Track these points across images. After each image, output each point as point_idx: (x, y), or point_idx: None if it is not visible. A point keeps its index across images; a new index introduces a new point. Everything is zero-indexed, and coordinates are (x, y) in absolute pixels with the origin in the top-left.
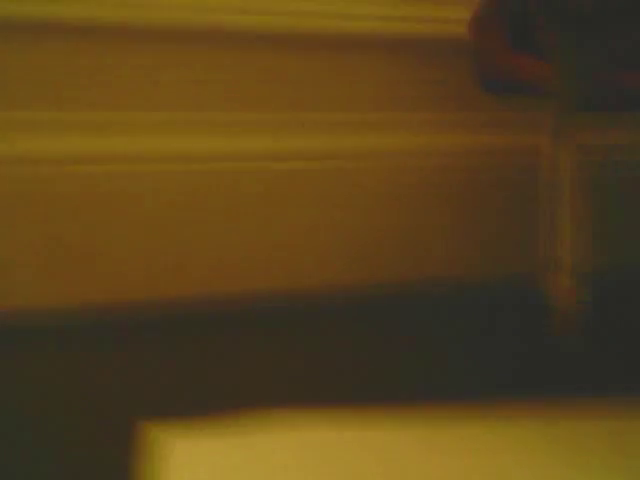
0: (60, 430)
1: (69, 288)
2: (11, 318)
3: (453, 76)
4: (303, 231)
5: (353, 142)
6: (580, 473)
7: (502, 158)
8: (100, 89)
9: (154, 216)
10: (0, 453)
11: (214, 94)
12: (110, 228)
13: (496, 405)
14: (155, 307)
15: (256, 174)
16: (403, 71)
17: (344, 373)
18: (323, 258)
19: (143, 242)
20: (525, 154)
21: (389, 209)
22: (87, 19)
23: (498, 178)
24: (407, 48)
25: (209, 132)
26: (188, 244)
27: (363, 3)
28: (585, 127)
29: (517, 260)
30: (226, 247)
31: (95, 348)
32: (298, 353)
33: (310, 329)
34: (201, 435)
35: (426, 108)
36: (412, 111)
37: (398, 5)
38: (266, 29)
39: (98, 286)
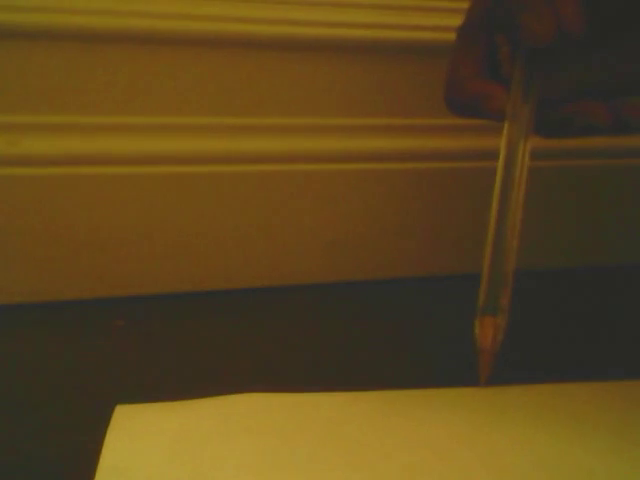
0: (44, 412)
1: (68, 286)
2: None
3: (430, 82)
4: (297, 230)
5: (346, 145)
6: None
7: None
8: (102, 93)
9: (152, 216)
10: None
11: (212, 98)
12: (110, 228)
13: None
14: (146, 300)
15: (251, 176)
16: (395, 77)
17: (333, 361)
18: (317, 256)
19: (142, 241)
20: None
21: (380, 210)
22: (87, 26)
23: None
24: (399, 54)
25: (207, 135)
26: (185, 243)
27: (355, 10)
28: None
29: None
30: (222, 246)
31: (82, 339)
32: (288, 342)
33: (302, 321)
34: (164, 411)
35: (417, 113)
36: (403, 116)
37: (388, 13)
38: (259, 35)
39: (98, 282)
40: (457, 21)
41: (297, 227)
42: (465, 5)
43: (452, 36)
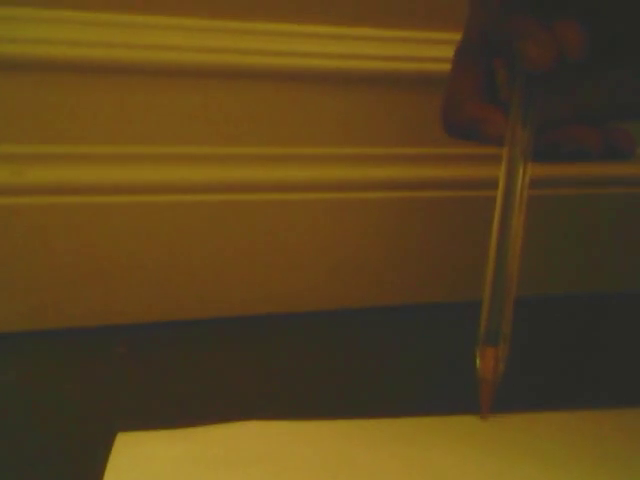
0: (44, 440)
1: (69, 313)
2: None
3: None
4: (295, 259)
5: (345, 174)
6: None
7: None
8: (105, 123)
9: (154, 244)
10: None
11: (215, 128)
12: (111, 256)
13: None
14: (148, 328)
15: (250, 205)
16: (393, 106)
17: (334, 388)
18: (316, 284)
19: (143, 269)
20: None
21: (379, 238)
22: (91, 58)
23: (479, 209)
24: (397, 84)
25: (210, 164)
26: (185, 271)
27: (350, 42)
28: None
29: None
30: (222, 274)
31: (83, 366)
32: (289, 370)
33: (302, 349)
34: (165, 439)
35: (416, 142)
36: (402, 145)
37: (387, 45)
38: (254, 66)
39: (99, 310)
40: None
41: (296, 255)
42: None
43: (435, 67)
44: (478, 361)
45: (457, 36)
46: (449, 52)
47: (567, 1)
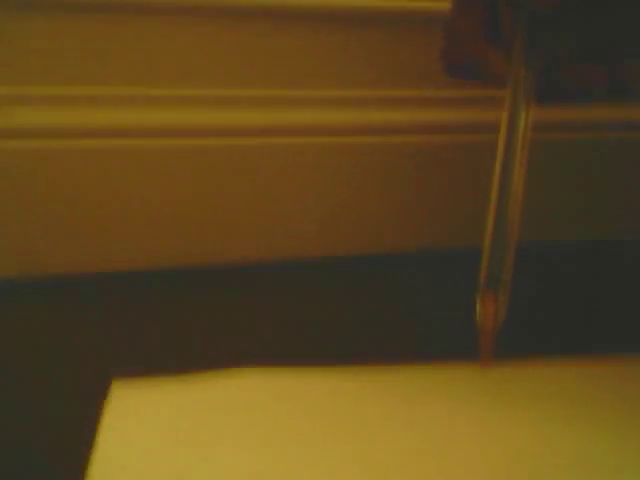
0: (40, 386)
1: (63, 260)
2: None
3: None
4: (292, 205)
5: (342, 118)
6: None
7: (485, 134)
8: (96, 64)
9: (148, 191)
10: None
11: (210, 70)
12: (106, 202)
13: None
14: (145, 275)
15: (246, 149)
16: (391, 48)
17: (330, 335)
18: (313, 230)
19: (136, 216)
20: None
21: (377, 183)
22: None
23: (479, 153)
24: (396, 24)
25: (204, 108)
26: (181, 218)
27: None
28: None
29: None
30: (218, 221)
31: (88, 310)
32: (284, 317)
33: (298, 293)
34: (161, 386)
35: (415, 85)
36: (400, 88)
37: None
38: (247, 5)
39: (98, 256)
40: None
41: (292, 201)
42: None
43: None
44: (478, 307)
45: None
46: None
47: None
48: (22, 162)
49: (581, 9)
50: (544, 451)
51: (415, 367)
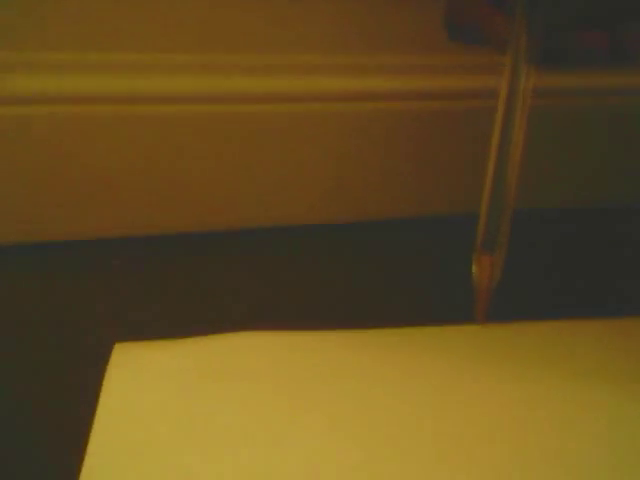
0: (42, 351)
1: (63, 226)
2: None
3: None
4: (293, 171)
5: (343, 84)
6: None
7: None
8: (92, 29)
9: (149, 157)
10: None
11: (208, 36)
12: (105, 169)
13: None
14: (142, 241)
15: (248, 116)
16: (385, 15)
17: (332, 300)
18: (314, 196)
19: (139, 181)
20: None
21: (378, 150)
22: None
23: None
24: None
25: (204, 74)
26: (182, 184)
27: None
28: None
29: None
30: (219, 187)
31: (83, 278)
32: (286, 282)
33: (300, 262)
34: (162, 349)
35: (413, 51)
36: (399, 54)
37: None
38: None
39: (95, 223)
40: None
41: (292, 168)
42: None
43: None
44: (474, 268)
45: None
46: None
47: None
48: (13, 128)
49: None
50: (537, 410)
51: (414, 329)
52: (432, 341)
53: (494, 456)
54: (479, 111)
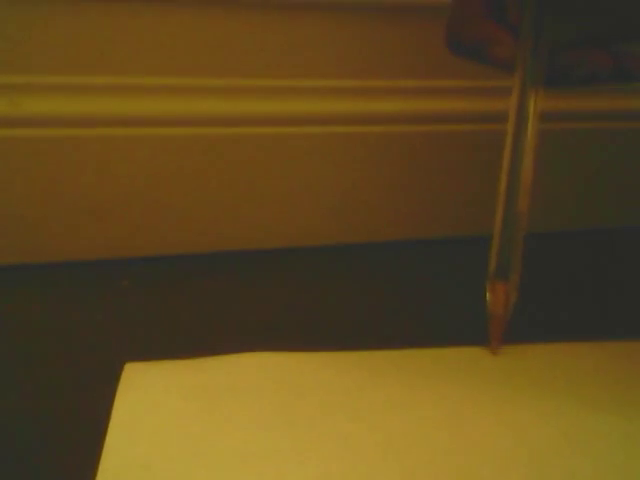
0: (53, 371)
1: (73, 247)
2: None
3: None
4: (301, 193)
5: (350, 108)
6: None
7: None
8: (104, 53)
9: (158, 178)
10: None
11: (217, 60)
12: (114, 189)
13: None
14: (151, 261)
15: (256, 139)
16: (393, 39)
17: (338, 322)
18: (321, 218)
19: (148, 202)
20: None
21: (384, 172)
22: None
23: (485, 141)
24: (406, 13)
25: (212, 97)
26: (191, 205)
27: None
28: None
29: None
30: (228, 208)
31: (93, 298)
32: (293, 303)
33: (307, 283)
34: (172, 369)
35: (421, 75)
36: (407, 77)
37: None
38: None
39: (104, 243)
40: None
41: (301, 189)
42: None
43: None
44: (488, 295)
45: None
46: None
47: None
48: (28, 150)
49: None
50: (547, 432)
51: (421, 351)
52: (438, 363)
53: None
54: (484, 134)
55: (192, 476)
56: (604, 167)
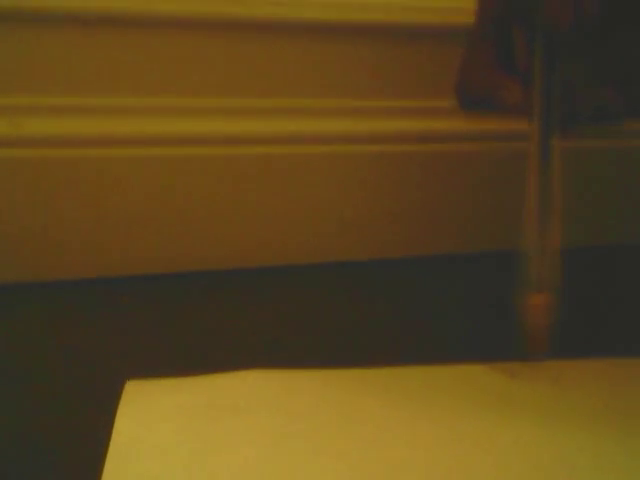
0: (53, 389)
1: (73, 265)
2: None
3: (443, 64)
4: (304, 211)
5: (346, 127)
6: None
7: (498, 143)
8: (104, 74)
9: (160, 196)
10: None
11: (223, 80)
12: (113, 208)
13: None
14: (152, 280)
15: (260, 158)
16: (394, 59)
17: (339, 338)
18: (324, 236)
19: (149, 220)
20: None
21: (387, 190)
22: (88, 10)
23: (485, 159)
24: (407, 36)
25: (216, 117)
26: (193, 223)
27: None
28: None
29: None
30: (230, 226)
31: (95, 316)
32: (295, 320)
33: (308, 300)
34: (173, 386)
35: (418, 95)
36: (407, 98)
37: None
38: (257, 17)
39: (97, 262)
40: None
41: (304, 207)
42: None
43: (457, 19)
44: (527, 308)
45: None
46: (454, 2)
47: None
48: (29, 170)
49: (596, 32)
50: (550, 455)
51: (428, 368)
52: (447, 381)
53: None
54: (484, 153)
55: None
56: (605, 185)
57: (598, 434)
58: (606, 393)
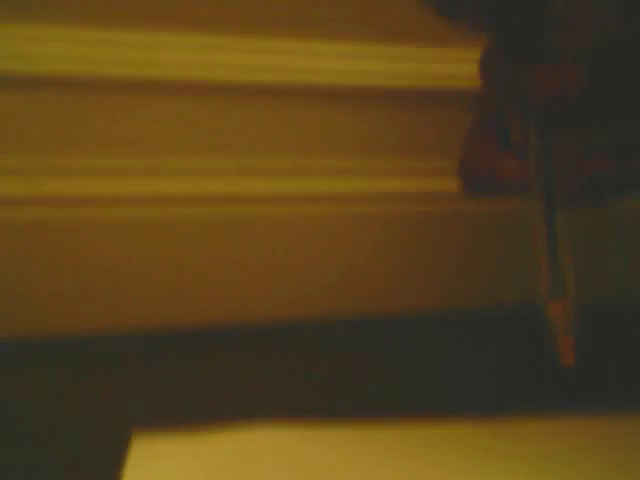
0: (60, 443)
1: (81, 320)
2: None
3: (446, 124)
4: (302, 269)
5: (349, 187)
6: None
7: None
8: (123, 137)
9: (167, 254)
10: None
11: (218, 141)
12: (125, 265)
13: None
14: (159, 334)
15: (259, 218)
16: (395, 121)
17: (341, 391)
18: (322, 294)
19: (157, 276)
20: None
21: (384, 249)
22: (101, 75)
23: (486, 220)
24: (404, 99)
25: (214, 177)
26: (196, 280)
27: (354, 59)
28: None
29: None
30: (231, 284)
31: (101, 369)
32: (294, 378)
33: (307, 358)
34: (181, 439)
35: (416, 154)
36: (404, 157)
37: (392, 61)
38: (259, 82)
39: (110, 317)
40: (462, 70)
41: (300, 267)
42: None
43: (458, 83)
44: (549, 316)
45: (464, 53)
46: (457, 69)
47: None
48: (43, 230)
49: (587, 106)
50: None
51: (432, 427)
52: (453, 439)
53: None
54: (485, 214)
55: None
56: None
57: None
58: (599, 449)
